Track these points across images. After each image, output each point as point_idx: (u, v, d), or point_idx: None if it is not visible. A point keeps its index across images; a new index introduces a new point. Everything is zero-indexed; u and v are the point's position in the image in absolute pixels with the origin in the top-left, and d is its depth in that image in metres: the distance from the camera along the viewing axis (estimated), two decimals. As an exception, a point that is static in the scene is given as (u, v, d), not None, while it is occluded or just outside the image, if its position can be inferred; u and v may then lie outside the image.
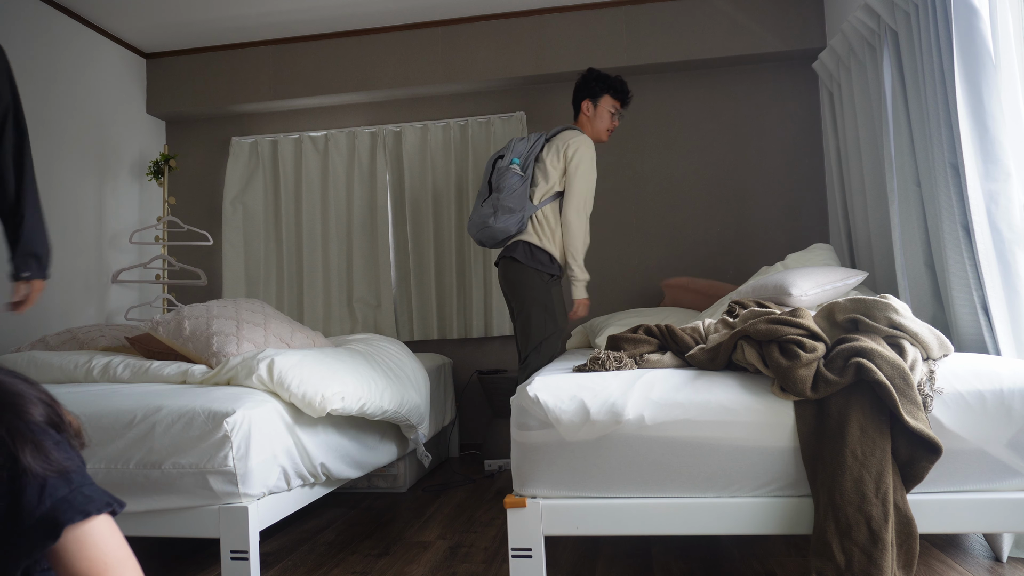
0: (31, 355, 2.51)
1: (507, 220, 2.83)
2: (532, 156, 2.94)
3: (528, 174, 2.90)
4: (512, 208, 2.84)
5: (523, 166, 2.90)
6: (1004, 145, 1.99)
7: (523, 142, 2.98)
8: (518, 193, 2.85)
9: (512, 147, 2.98)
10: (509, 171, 2.88)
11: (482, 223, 2.89)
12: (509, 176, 2.87)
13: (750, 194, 3.78)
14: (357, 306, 4.06)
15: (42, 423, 0.81)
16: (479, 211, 2.95)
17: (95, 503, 0.79)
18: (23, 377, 0.85)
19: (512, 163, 2.90)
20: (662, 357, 1.91)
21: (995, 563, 1.93)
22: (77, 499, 0.78)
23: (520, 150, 2.96)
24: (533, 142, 2.97)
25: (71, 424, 0.87)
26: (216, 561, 2.20)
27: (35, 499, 0.76)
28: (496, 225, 2.83)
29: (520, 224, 2.86)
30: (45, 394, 0.85)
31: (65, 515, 0.76)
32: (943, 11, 2.14)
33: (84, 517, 0.77)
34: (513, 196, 2.84)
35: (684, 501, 1.62)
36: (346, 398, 2.18)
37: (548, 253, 2.88)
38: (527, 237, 2.89)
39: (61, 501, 0.77)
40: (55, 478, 0.77)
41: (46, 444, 0.79)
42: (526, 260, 2.85)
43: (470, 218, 3.00)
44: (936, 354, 1.70)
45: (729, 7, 3.66)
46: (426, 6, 3.75)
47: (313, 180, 4.15)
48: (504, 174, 2.89)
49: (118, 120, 3.97)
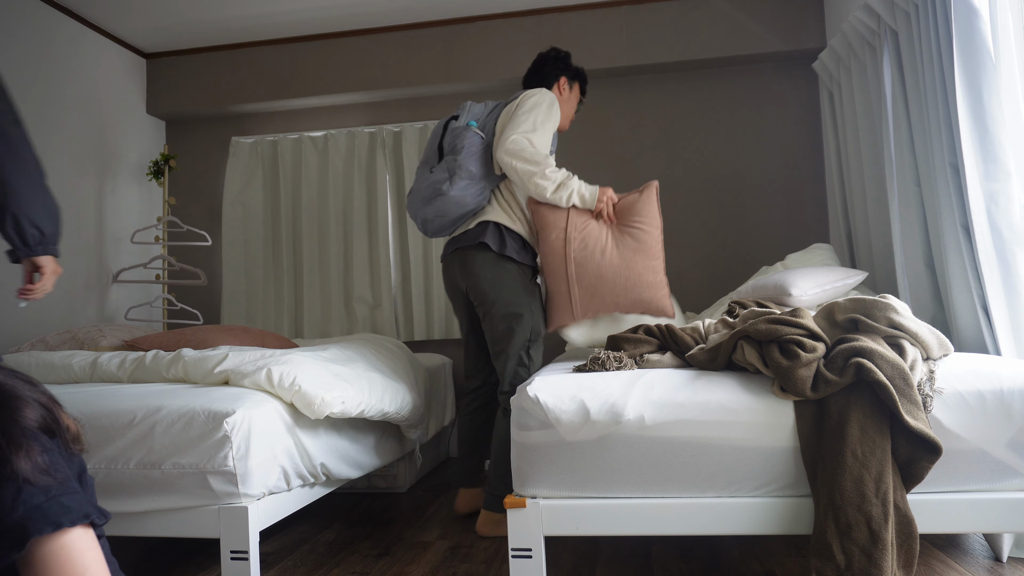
0: (31, 355, 2.51)
1: (466, 187, 2.30)
2: (491, 121, 2.43)
3: (488, 140, 2.39)
4: (473, 173, 2.31)
5: (481, 130, 2.40)
6: (1004, 145, 1.99)
7: (480, 106, 2.50)
8: (479, 157, 2.33)
9: (468, 109, 2.48)
10: (468, 130, 2.36)
11: (432, 191, 2.31)
12: (468, 135, 2.35)
13: (750, 194, 3.78)
14: (356, 306, 4.06)
15: (34, 427, 0.79)
16: (427, 178, 2.36)
17: (70, 514, 0.76)
18: (26, 378, 0.84)
19: (470, 125, 2.39)
20: (662, 357, 1.91)
21: (995, 563, 1.93)
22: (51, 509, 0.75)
23: (477, 112, 2.47)
24: (492, 107, 2.49)
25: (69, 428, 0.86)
26: (216, 561, 2.20)
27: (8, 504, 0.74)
28: (452, 193, 2.28)
29: (480, 197, 2.34)
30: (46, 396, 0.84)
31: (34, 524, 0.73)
32: (943, 11, 2.14)
33: (55, 528, 0.74)
34: (474, 159, 2.32)
35: (684, 501, 1.62)
36: (346, 402, 2.18)
37: (521, 238, 2.41)
38: (493, 215, 2.38)
39: (34, 510, 0.74)
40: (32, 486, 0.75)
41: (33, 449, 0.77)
42: (499, 247, 2.34)
43: (410, 191, 2.44)
44: (936, 354, 1.70)
45: (729, 7, 3.66)
46: (426, 6, 3.75)
47: (313, 180, 4.15)
48: (461, 134, 2.36)
49: (118, 120, 3.97)
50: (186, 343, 2.54)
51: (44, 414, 0.81)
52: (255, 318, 4.11)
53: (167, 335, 2.64)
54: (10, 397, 0.79)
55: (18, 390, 0.81)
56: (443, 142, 2.44)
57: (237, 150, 4.20)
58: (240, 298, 4.13)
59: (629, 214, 2.36)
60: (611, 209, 2.37)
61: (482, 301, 2.39)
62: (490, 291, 2.36)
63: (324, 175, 4.14)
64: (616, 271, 2.30)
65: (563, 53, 2.64)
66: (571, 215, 2.34)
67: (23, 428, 0.78)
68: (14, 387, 0.81)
